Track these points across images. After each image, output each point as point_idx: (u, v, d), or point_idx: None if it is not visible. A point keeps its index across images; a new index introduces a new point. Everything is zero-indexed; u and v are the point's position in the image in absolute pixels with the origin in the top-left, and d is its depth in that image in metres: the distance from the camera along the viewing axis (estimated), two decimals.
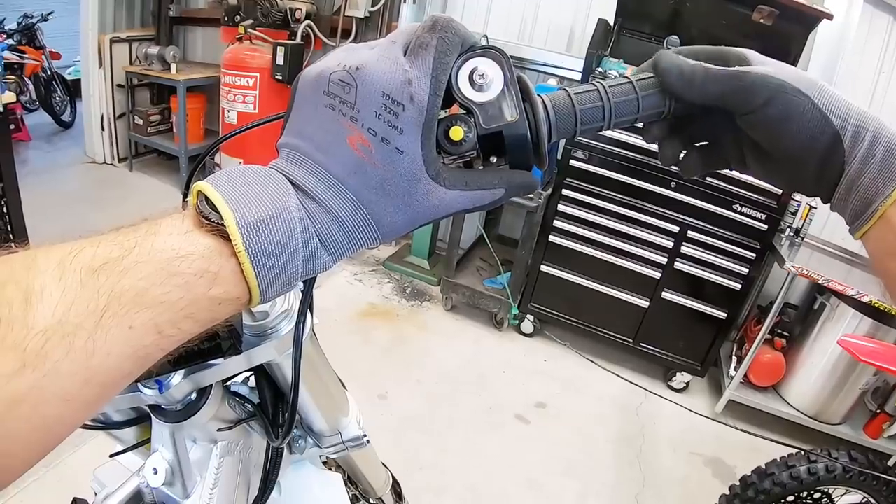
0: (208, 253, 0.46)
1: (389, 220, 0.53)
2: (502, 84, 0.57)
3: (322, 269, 0.52)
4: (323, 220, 0.51)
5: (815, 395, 3.79)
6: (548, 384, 4.05)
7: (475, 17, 5.09)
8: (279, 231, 0.48)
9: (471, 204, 0.56)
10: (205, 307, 0.46)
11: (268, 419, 0.86)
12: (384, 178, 0.52)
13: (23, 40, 7.88)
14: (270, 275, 0.48)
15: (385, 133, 0.51)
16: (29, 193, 4.00)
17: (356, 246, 0.54)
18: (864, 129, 0.57)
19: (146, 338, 0.43)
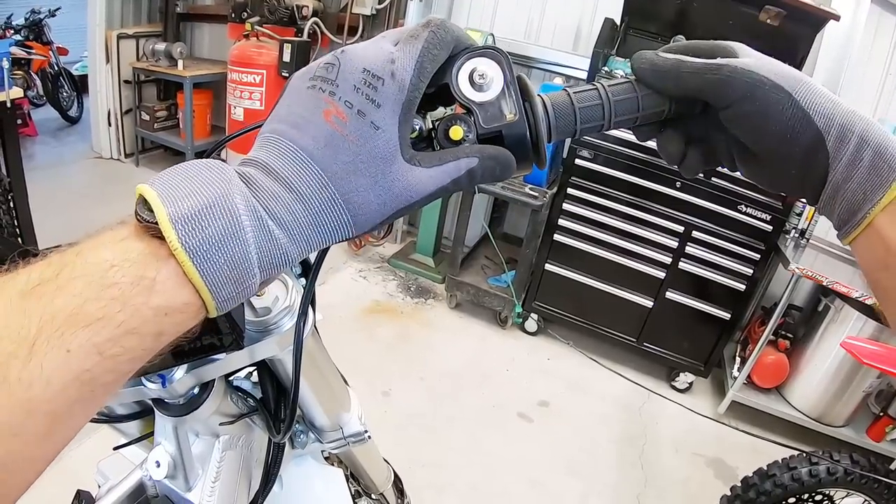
0: (142, 258, 0.42)
1: (360, 200, 0.50)
2: (502, 84, 0.57)
3: (286, 259, 0.48)
4: (280, 200, 0.47)
5: (819, 398, 3.77)
6: (551, 383, 4.05)
7: (482, 15, 5.09)
8: (219, 220, 0.43)
9: (447, 179, 0.53)
10: (148, 319, 0.41)
11: (269, 414, 0.87)
12: (356, 153, 0.49)
13: (30, 36, 7.90)
14: (217, 271, 0.43)
15: (362, 106, 0.50)
16: (35, 188, 4.01)
17: (325, 231, 0.49)
18: (851, 130, 0.55)
19: (86, 360, 0.39)
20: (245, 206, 0.45)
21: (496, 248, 4.46)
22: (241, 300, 0.47)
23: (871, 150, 0.54)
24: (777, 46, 3.65)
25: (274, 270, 0.48)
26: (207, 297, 0.44)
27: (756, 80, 0.56)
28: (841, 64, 3.93)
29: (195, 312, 0.44)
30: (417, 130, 0.58)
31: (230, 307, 0.46)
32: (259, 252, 0.45)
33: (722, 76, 0.57)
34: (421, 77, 0.52)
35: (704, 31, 3.85)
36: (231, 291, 0.45)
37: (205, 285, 0.43)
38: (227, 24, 5.80)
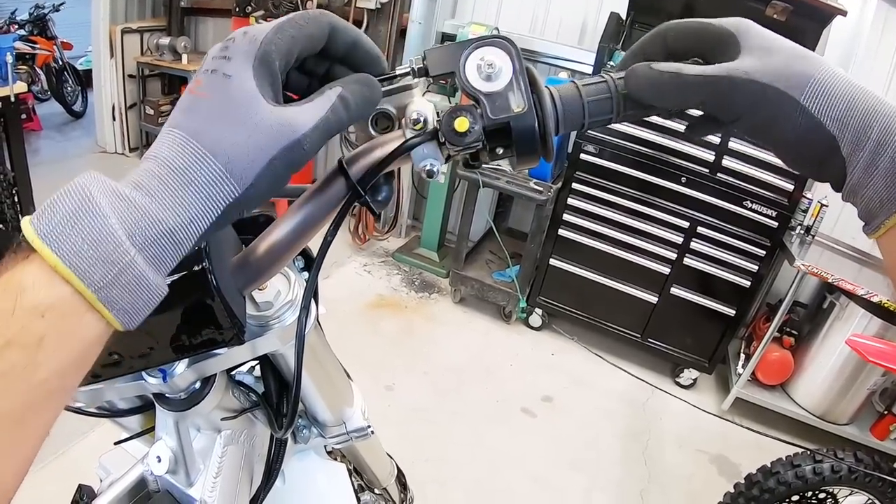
0: (10, 264, 0.40)
1: (228, 147, 0.47)
2: (511, 74, 0.56)
3: (162, 228, 0.44)
4: (143, 171, 0.45)
5: (823, 395, 3.76)
6: (555, 378, 4.05)
7: (487, 9, 5.08)
8: (69, 200, 0.41)
9: (323, 110, 0.51)
10: (24, 325, 0.38)
11: (271, 409, 0.87)
12: (213, 103, 0.48)
13: (34, 31, 7.92)
14: (75, 249, 0.40)
15: (215, 66, 0.50)
16: (40, 183, 4.03)
17: (200, 190, 0.46)
18: (866, 135, 0.52)
19: None
20: (99, 186, 0.42)
21: (501, 242, 4.45)
22: (136, 291, 0.43)
23: (890, 154, 0.51)
24: None
25: (157, 247, 0.44)
26: (79, 285, 0.40)
27: (759, 91, 0.54)
28: (848, 60, 3.92)
29: (76, 308, 0.41)
30: (422, 122, 0.57)
31: (123, 301, 0.42)
32: (122, 221, 0.42)
33: (723, 90, 0.56)
34: (278, 34, 0.51)
35: None
36: (104, 273, 0.40)
37: (68, 269, 0.39)
38: (231, 18, 5.79)
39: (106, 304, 0.41)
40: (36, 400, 0.40)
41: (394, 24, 5.19)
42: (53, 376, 0.40)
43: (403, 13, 5.17)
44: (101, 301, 0.41)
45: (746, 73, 0.54)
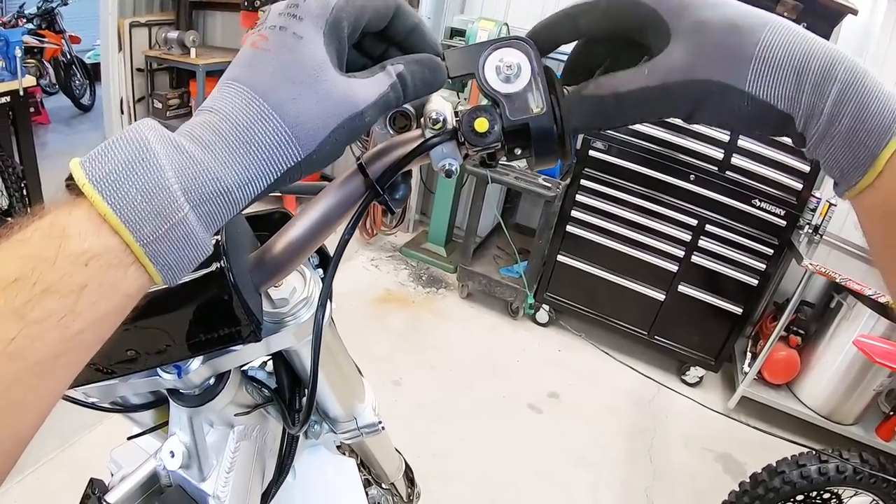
0: (57, 208, 0.39)
1: (295, 110, 0.46)
2: (529, 76, 0.56)
3: (219, 185, 0.43)
4: (203, 123, 0.44)
5: (829, 395, 3.75)
6: (561, 374, 4.06)
7: (496, 4, 5.07)
8: (125, 147, 0.40)
9: (383, 86, 0.51)
10: (65, 272, 0.37)
11: (284, 404, 0.87)
12: (280, 61, 0.47)
13: (42, 24, 7.91)
14: (130, 201, 0.39)
15: (283, 23, 0.48)
16: (49, 176, 4.05)
17: (261, 148, 0.45)
18: (821, 107, 0.47)
19: (8, 328, 0.35)
20: (156, 134, 0.41)
21: (509, 238, 4.44)
22: (183, 247, 0.42)
23: (847, 124, 0.47)
24: None
25: (211, 204, 0.43)
26: (128, 237, 0.39)
27: (699, 92, 0.50)
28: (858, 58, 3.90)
29: (121, 260, 0.39)
30: (442, 122, 0.57)
31: (169, 256, 0.41)
32: (178, 175, 0.41)
33: (662, 97, 0.52)
34: (349, 2, 0.50)
35: None
36: (155, 227, 0.40)
37: (119, 220, 0.38)
38: (239, 13, 5.79)
39: (152, 259, 0.40)
40: (67, 350, 0.38)
41: None
42: (89, 327, 0.39)
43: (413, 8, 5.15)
44: (148, 255, 0.40)
45: (682, 72, 0.51)
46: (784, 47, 0.48)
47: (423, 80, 0.54)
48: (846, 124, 0.47)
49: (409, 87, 0.53)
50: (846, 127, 0.47)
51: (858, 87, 0.46)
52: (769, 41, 0.48)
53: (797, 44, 0.48)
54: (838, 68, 0.47)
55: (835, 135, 0.48)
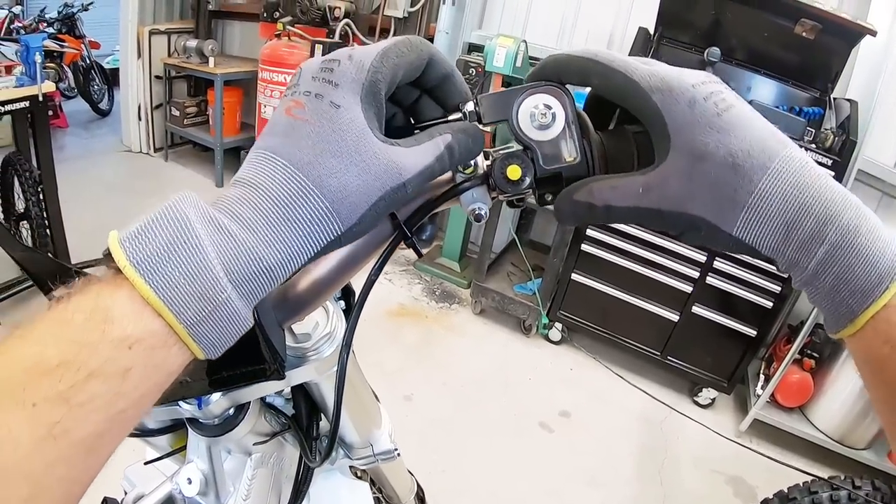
0: (97, 289, 0.39)
1: (337, 183, 0.45)
2: (563, 123, 0.56)
3: (261, 264, 0.42)
4: (243, 200, 0.44)
5: (842, 419, 3.71)
6: (573, 393, 4.03)
7: (514, 20, 5.08)
8: (166, 228, 0.39)
9: (430, 157, 0.50)
10: (109, 357, 0.37)
11: (303, 433, 0.87)
12: (320, 133, 0.46)
13: (63, 29, 8.01)
14: (174, 285, 0.39)
15: (318, 89, 0.48)
16: (65, 179, 4.05)
17: (302, 225, 0.44)
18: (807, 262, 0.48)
19: (53, 412, 0.35)
20: (198, 212, 0.41)
21: (523, 255, 4.44)
22: (226, 326, 0.42)
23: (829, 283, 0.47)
24: (812, 60, 3.64)
25: (253, 283, 0.43)
26: (172, 319, 0.39)
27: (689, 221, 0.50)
28: (876, 80, 3.88)
29: (165, 341, 0.40)
30: (473, 166, 0.57)
31: (212, 335, 0.41)
32: (221, 256, 0.41)
33: (651, 216, 0.51)
34: (384, 62, 0.49)
35: (738, 42, 3.83)
36: (199, 310, 0.40)
37: (162, 303, 0.38)
38: (258, 23, 5.84)
39: (196, 340, 0.41)
40: (111, 428, 0.39)
41: (421, 33, 5.21)
42: (133, 405, 0.39)
43: (431, 23, 5.19)
44: (192, 336, 0.40)
45: (674, 202, 0.50)
46: (779, 199, 0.47)
47: (468, 149, 0.54)
48: (830, 283, 0.47)
49: (455, 158, 0.53)
50: (829, 285, 0.47)
51: (847, 250, 0.46)
52: (765, 190, 0.47)
53: (793, 196, 0.47)
54: (830, 229, 0.46)
55: (818, 287, 0.48)
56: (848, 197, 0.47)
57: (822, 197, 0.47)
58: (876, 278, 0.46)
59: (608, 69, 0.53)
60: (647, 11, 4.25)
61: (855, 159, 3.57)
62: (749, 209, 0.48)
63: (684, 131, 0.49)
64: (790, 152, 0.48)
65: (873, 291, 0.46)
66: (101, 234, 0.42)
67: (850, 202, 0.47)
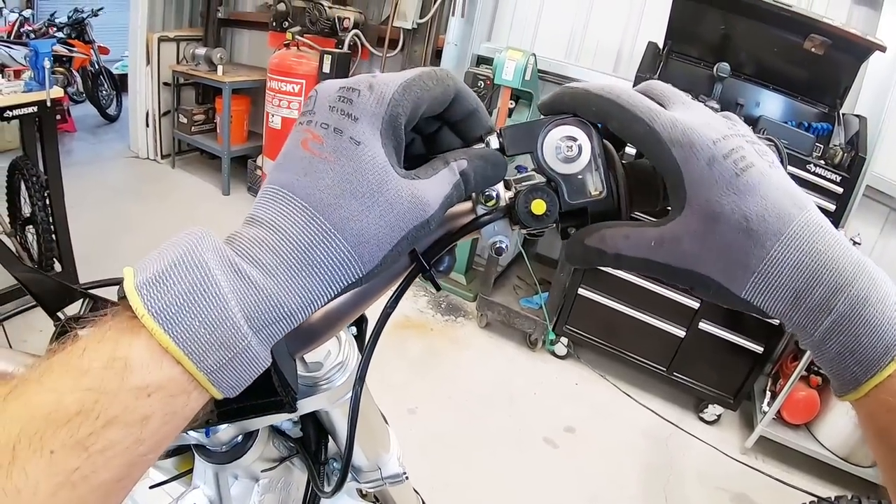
0: (115, 335, 0.38)
1: (358, 227, 0.44)
2: (589, 156, 0.54)
3: (281, 311, 0.42)
4: (262, 243, 0.43)
5: (848, 436, 3.69)
6: (578, 408, 4.01)
7: (523, 33, 5.09)
8: (185, 275, 0.39)
9: (448, 186, 0.49)
10: (128, 405, 0.37)
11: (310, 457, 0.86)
12: (340, 173, 0.45)
13: (72, 34, 8.06)
14: (193, 334, 0.38)
15: (337, 123, 0.46)
16: (72, 184, 4.06)
17: (323, 270, 0.43)
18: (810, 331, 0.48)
19: (72, 459, 0.35)
20: (217, 257, 0.40)
21: (530, 268, 4.43)
22: (246, 369, 0.41)
23: (834, 351, 0.47)
24: (821, 75, 3.64)
25: (272, 329, 0.42)
26: (191, 368, 0.38)
27: (698, 279, 0.50)
28: (885, 95, 3.87)
29: (185, 388, 0.39)
30: (495, 199, 0.56)
31: (232, 380, 0.41)
32: (242, 306, 0.40)
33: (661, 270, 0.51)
34: (406, 95, 0.47)
35: (748, 58, 3.83)
36: (219, 357, 0.39)
37: (182, 352, 0.38)
38: (267, 32, 5.85)
39: (215, 385, 0.40)
40: (130, 472, 0.38)
41: (430, 45, 5.21)
42: (152, 450, 0.39)
43: (440, 35, 5.18)
44: (212, 382, 0.40)
45: (685, 260, 0.50)
46: (790, 266, 0.47)
47: (485, 176, 0.53)
48: (835, 350, 0.47)
49: (471, 185, 0.51)
50: (835, 352, 0.47)
51: (854, 320, 0.46)
52: (777, 257, 0.47)
53: (804, 264, 0.46)
54: (839, 299, 0.46)
55: (824, 352, 0.48)
56: (860, 263, 0.47)
57: (834, 265, 0.46)
58: (882, 349, 0.45)
59: (629, 115, 0.52)
60: (656, 26, 4.26)
61: (863, 176, 3.56)
62: (759, 275, 0.47)
63: (701, 190, 0.48)
64: (806, 217, 0.47)
65: (879, 362, 0.45)
66: (106, 238, 0.41)
67: (861, 269, 0.46)
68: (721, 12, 3.75)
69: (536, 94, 4.41)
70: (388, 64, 5.49)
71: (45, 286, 0.69)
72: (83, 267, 4.00)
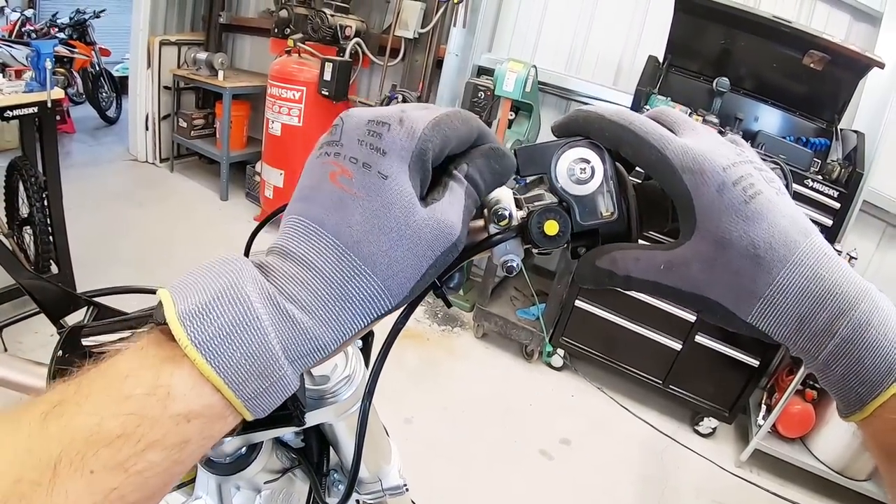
0: (157, 363, 0.39)
1: (387, 262, 0.45)
2: (601, 178, 0.55)
3: (316, 345, 0.43)
4: (298, 280, 0.44)
5: (843, 450, 3.70)
6: (574, 420, 4.02)
7: (524, 44, 5.11)
8: (229, 309, 0.40)
9: (463, 197, 0.49)
10: (169, 430, 0.38)
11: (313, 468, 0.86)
12: (368, 209, 0.45)
13: (74, 35, 8.05)
14: (235, 366, 0.39)
15: (366, 157, 0.46)
16: (70, 186, 4.05)
17: (355, 305, 0.44)
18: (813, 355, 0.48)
19: (111, 479, 0.36)
20: (258, 292, 0.41)
21: (527, 279, 4.43)
22: (279, 395, 0.43)
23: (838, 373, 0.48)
24: (819, 91, 3.66)
25: (307, 360, 0.44)
26: (231, 396, 0.40)
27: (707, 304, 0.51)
28: (882, 111, 3.89)
29: (222, 414, 0.41)
30: (507, 218, 0.56)
31: (265, 405, 0.43)
32: (281, 340, 0.41)
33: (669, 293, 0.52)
34: (435, 132, 0.48)
35: (747, 72, 3.86)
36: (257, 387, 0.41)
37: (223, 382, 0.39)
38: (269, 38, 5.85)
39: (250, 410, 0.42)
40: (165, 489, 0.40)
41: (431, 54, 5.22)
42: (186, 468, 0.41)
43: (441, 44, 5.19)
44: (248, 409, 0.41)
45: (694, 285, 0.50)
46: (794, 292, 0.47)
47: (493, 172, 0.52)
48: (839, 372, 0.48)
49: (480, 187, 0.51)
50: (839, 374, 0.48)
51: (857, 343, 0.46)
52: (782, 283, 0.47)
53: (808, 290, 0.47)
54: (842, 323, 0.46)
55: (828, 375, 0.49)
56: (862, 288, 0.48)
57: (837, 290, 0.47)
58: (885, 369, 0.46)
59: (642, 142, 0.52)
60: (656, 39, 4.28)
61: (860, 191, 3.57)
62: (765, 301, 0.48)
63: (711, 216, 0.49)
64: (811, 243, 0.48)
65: (882, 382, 0.46)
66: (103, 241, 0.41)
67: (864, 293, 0.47)
68: (721, 27, 3.77)
69: (537, 105, 4.43)
70: (389, 73, 5.49)
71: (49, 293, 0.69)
72: (79, 269, 3.99)
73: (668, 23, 3.98)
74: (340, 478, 1.03)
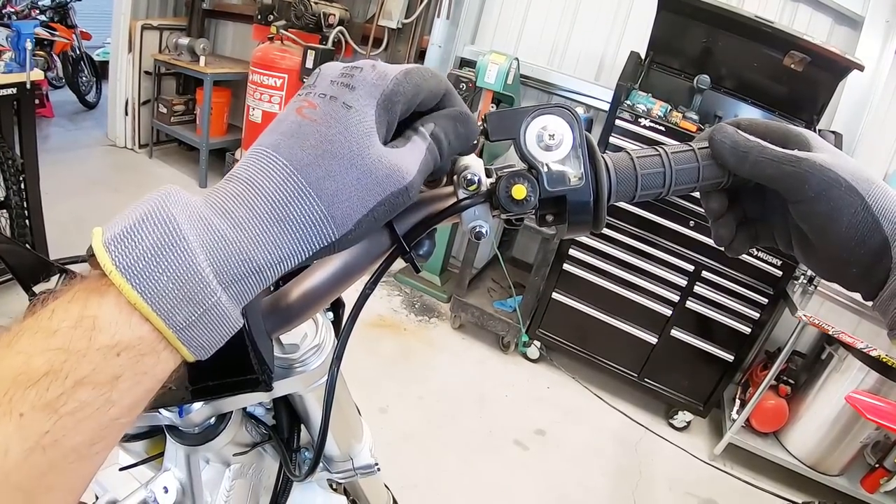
0: (82, 295, 0.38)
1: (334, 187, 0.44)
2: (570, 145, 0.55)
3: (251, 265, 0.42)
4: (236, 197, 0.42)
5: (816, 445, 3.74)
6: (549, 411, 4.03)
7: (507, 37, 5.11)
8: (153, 230, 0.38)
9: (423, 150, 0.49)
10: (97, 364, 0.36)
11: (283, 444, 0.85)
12: (325, 133, 0.45)
13: (55, 17, 7.93)
14: (160, 289, 0.37)
15: (335, 92, 0.46)
16: (48, 170, 4.01)
17: (296, 228, 0.43)
18: None
19: (42, 422, 0.34)
20: (187, 213, 0.40)
21: (505, 271, 4.44)
22: (216, 330, 0.41)
23: None
24: (799, 91, 3.68)
25: (242, 283, 0.42)
26: (160, 325, 0.38)
27: (833, 179, 0.53)
28: (861, 113, 3.93)
29: (154, 348, 0.39)
30: (476, 183, 0.56)
31: (202, 340, 0.41)
32: (210, 257, 0.40)
33: (800, 170, 0.54)
34: (407, 78, 0.48)
35: (728, 72, 3.87)
36: (188, 314, 0.39)
37: (150, 309, 0.37)
38: (251, 24, 5.82)
39: (185, 343, 0.40)
40: (103, 435, 0.38)
41: (414, 45, 5.22)
42: (124, 412, 0.38)
43: (424, 35, 5.19)
44: (181, 340, 0.39)
45: (824, 162, 0.54)
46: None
47: (457, 135, 0.53)
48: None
49: (443, 146, 0.51)
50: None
51: None
52: (886, 185, 0.55)
53: None
54: None
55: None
56: None
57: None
58: None
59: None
60: (639, 35, 4.28)
61: None
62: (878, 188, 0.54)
63: (823, 144, 0.58)
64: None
65: None
66: (80, 226, 0.40)
67: None
68: (704, 26, 3.78)
69: (518, 98, 4.43)
70: None
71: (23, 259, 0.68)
72: (55, 254, 3.93)
73: (651, 19, 3.98)
74: (311, 455, 1.03)
